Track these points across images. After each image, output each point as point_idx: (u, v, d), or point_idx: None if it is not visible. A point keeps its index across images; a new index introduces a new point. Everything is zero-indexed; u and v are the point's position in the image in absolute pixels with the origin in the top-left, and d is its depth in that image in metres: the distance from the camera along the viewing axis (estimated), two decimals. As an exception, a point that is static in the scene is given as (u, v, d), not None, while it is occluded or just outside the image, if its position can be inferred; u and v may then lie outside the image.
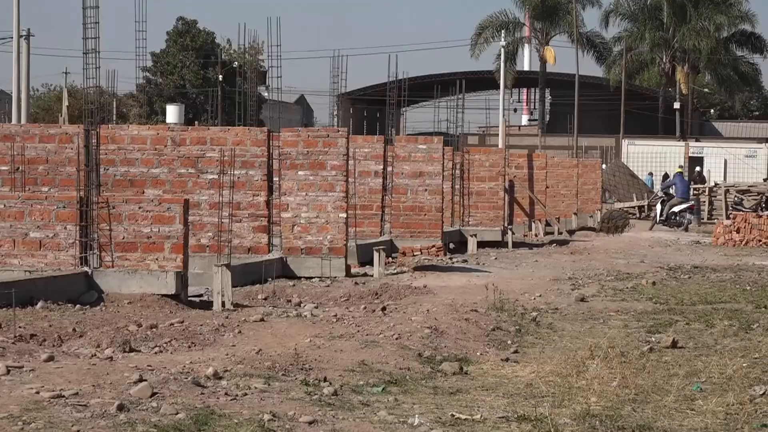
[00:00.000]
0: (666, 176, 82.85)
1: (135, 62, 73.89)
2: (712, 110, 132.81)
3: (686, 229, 58.25)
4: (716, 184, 72.19)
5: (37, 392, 12.96)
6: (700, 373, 15.98)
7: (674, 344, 18.65)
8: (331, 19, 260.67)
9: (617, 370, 15.71)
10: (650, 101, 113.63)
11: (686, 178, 70.97)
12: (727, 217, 53.24)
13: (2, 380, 13.74)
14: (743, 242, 44.05)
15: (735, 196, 65.06)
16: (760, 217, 47.21)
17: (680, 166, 79.10)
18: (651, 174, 79.53)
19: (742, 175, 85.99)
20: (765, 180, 78.36)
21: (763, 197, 63.70)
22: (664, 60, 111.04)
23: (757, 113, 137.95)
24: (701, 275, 31.60)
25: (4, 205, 24.47)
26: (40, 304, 21.46)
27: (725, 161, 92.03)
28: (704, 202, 66.37)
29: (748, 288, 28.02)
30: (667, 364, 16.84)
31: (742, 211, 55.75)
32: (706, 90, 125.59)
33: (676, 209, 60.19)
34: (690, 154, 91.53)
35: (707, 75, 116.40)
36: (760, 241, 43.69)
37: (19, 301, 20.34)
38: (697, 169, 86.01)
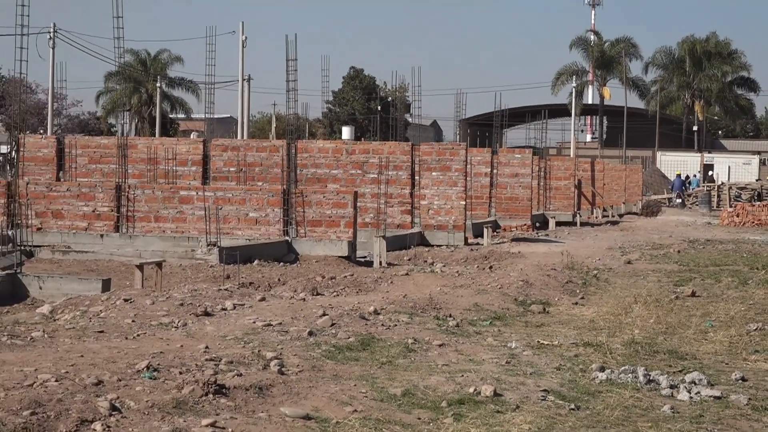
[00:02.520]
0: (687, 177, 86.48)
1: (321, 97, 77.63)
2: (720, 131, 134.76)
3: (683, 206, 66.67)
4: (722, 183, 75.37)
5: (254, 322, 14.03)
6: (711, 314, 17.58)
7: (693, 294, 20.23)
8: (456, 66, 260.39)
9: (653, 312, 17.21)
10: (676, 125, 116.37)
11: (682, 179, 78.42)
12: (730, 206, 55.44)
13: (230, 313, 15.04)
14: (741, 224, 45.67)
15: (735, 191, 67.51)
16: (753, 206, 49.44)
17: (678, 172, 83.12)
18: (679, 175, 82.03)
19: (741, 177, 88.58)
20: (757, 180, 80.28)
21: (755, 192, 65.97)
22: (686, 97, 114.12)
23: (751, 134, 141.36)
24: (712, 246, 32.89)
25: (233, 194, 26.28)
26: (256, 262, 23.29)
27: (729, 167, 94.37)
28: (714, 195, 68.33)
29: (745, 255, 29.22)
30: (688, 308, 18.40)
31: (741, 201, 58.70)
32: (716, 117, 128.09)
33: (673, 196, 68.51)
34: (704, 162, 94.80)
35: (717, 107, 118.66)
36: (753, 222, 45.46)
37: (242, 260, 21.95)
38: (709, 173, 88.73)
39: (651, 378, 11.80)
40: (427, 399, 10.47)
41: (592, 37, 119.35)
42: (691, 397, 11.07)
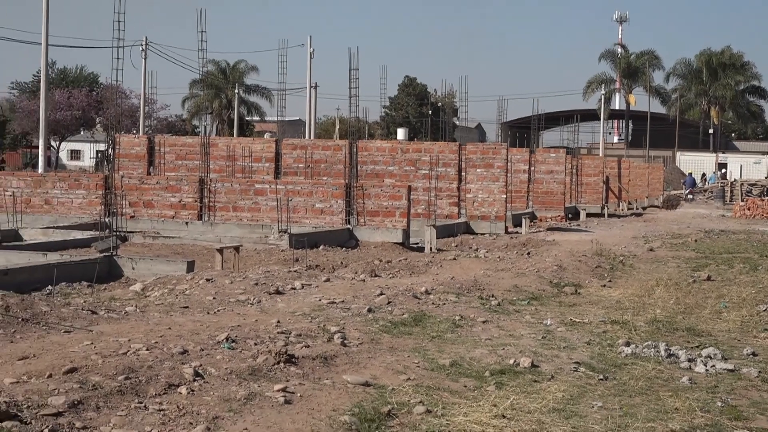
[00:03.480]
0: (703, 175, 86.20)
1: (379, 102, 78.55)
2: (733, 134, 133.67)
3: (691, 201, 66.33)
4: (735, 180, 74.71)
5: (320, 299, 14.11)
6: (724, 297, 17.41)
7: (708, 278, 19.91)
8: (498, 75, 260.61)
9: (673, 294, 17.25)
10: (694, 128, 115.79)
11: (694, 177, 78.77)
12: (742, 200, 54.55)
13: (299, 292, 15.10)
14: (752, 216, 45.09)
15: (747, 187, 66.78)
16: (763, 200, 48.79)
17: (690, 171, 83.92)
18: (690, 174, 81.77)
19: (752, 174, 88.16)
20: (766, 177, 79.78)
21: (765, 188, 65.37)
22: (703, 103, 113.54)
23: (761, 136, 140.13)
24: (725, 236, 32.46)
25: (301, 187, 26.26)
26: (321, 247, 23.07)
27: (741, 166, 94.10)
28: (728, 191, 67.64)
29: (755, 244, 28.85)
30: (704, 291, 18.24)
31: (751, 196, 57.83)
32: (729, 121, 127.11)
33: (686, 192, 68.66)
34: (719, 161, 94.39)
35: (730, 112, 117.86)
36: (762, 215, 44.90)
37: (309, 245, 22.02)
38: (722, 171, 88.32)
39: (671, 352, 11.76)
40: (472, 369, 10.46)
41: (619, 50, 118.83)
42: (707, 370, 11.02)
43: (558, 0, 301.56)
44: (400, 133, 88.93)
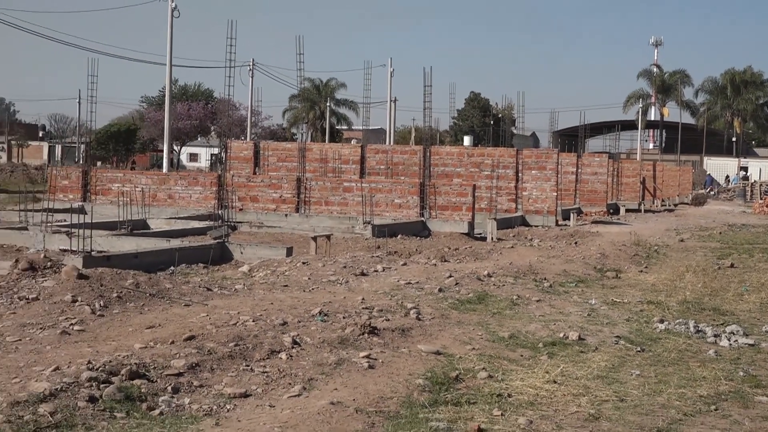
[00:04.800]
0: (727, 176, 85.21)
1: (448, 114, 78.39)
2: (753, 141, 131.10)
3: (714, 195, 64.55)
4: (755, 181, 73.50)
5: (398, 281, 14.05)
6: (746, 281, 17.15)
7: (732, 265, 19.67)
8: (550, 90, 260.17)
9: (700, 278, 17.01)
10: (719, 136, 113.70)
11: (713, 177, 78.69)
12: (761, 199, 53.51)
13: (380, 274, 15.14)
14: None
15: (765, 187, 65.64)
16: None
17: (708, 173, 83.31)
18: (709, 175, 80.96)
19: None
20: None
21: None
22: (727, 115, 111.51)
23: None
24: (746, 229, 31.97)
25: (382, 186, 26.26)
26: (399, 236, 22.88)
27: (760, 169, 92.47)
28: (749, 191, 66.37)
29: None
30: (728, 276, 17.99)
31: None
32: (750, 131, 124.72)
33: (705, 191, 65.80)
34: (741, 165, 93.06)
35: (751, 123, 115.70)
36: None
37: (389, 234, 21.84)
38: (742, 173, 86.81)
39: (699, 329, 11.69)
40: (527, 341, 10.43)
41: (654, 69, 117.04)
42: (730, 344, 10.92)
43: (602, 26, 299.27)
44: (466, 140, 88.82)
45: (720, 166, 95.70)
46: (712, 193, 69.14)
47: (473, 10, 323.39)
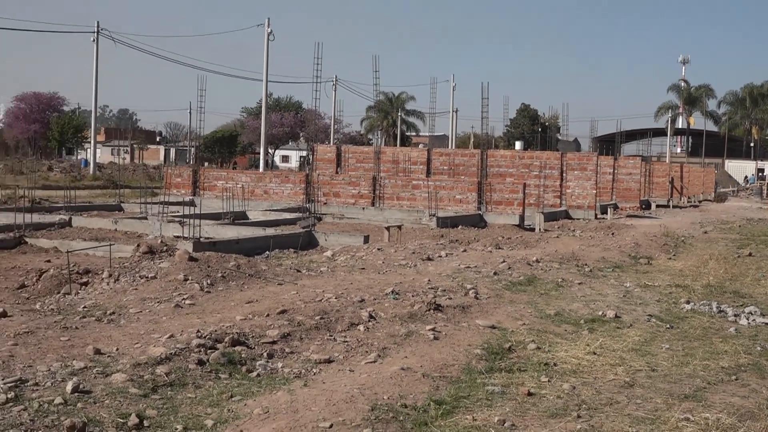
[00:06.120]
0: (746, 177, 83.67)
1: (502, 122, 77.59)
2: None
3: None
4: (770, 181, 72.53)
5: (459, 265, 13.95)
6: (762, 268, 16.86)
7: (750, 254, 19.28)
8: (591, 101, 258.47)
9: (722, 265, 16.80)
10: (739, 142, 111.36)
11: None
12: None
13: (443, 259, 15.09)
14: None
15: (781, 186, 64.53)
16: None
17: (745, 175, 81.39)
18: (746, 176, 79.79)
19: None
20: None
21: None
22: (746, 124, 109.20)
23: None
24: (763, 223, 31.31)
25: (445, 183, 26.06)
26: (459, 227, 22.78)
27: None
28: (764, 189, 65.05)
29: None
30: (747, 263, 17.66)
31: None
32: (766, 137, 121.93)
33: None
34: (758, 167, 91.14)
35: (767, 130, 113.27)
36: None
37: (451, 225, 22.05)
38: (761, 173, 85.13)
39: (721, 309, 11.52)
40: (570, 318, 10.34)
41: (682, 84, 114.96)
42: (749, 323, 10.76)
43: (635, 46, 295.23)
44: (518, 144, 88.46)
45: (739, 168, 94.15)
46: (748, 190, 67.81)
47: (525, 32, 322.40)
